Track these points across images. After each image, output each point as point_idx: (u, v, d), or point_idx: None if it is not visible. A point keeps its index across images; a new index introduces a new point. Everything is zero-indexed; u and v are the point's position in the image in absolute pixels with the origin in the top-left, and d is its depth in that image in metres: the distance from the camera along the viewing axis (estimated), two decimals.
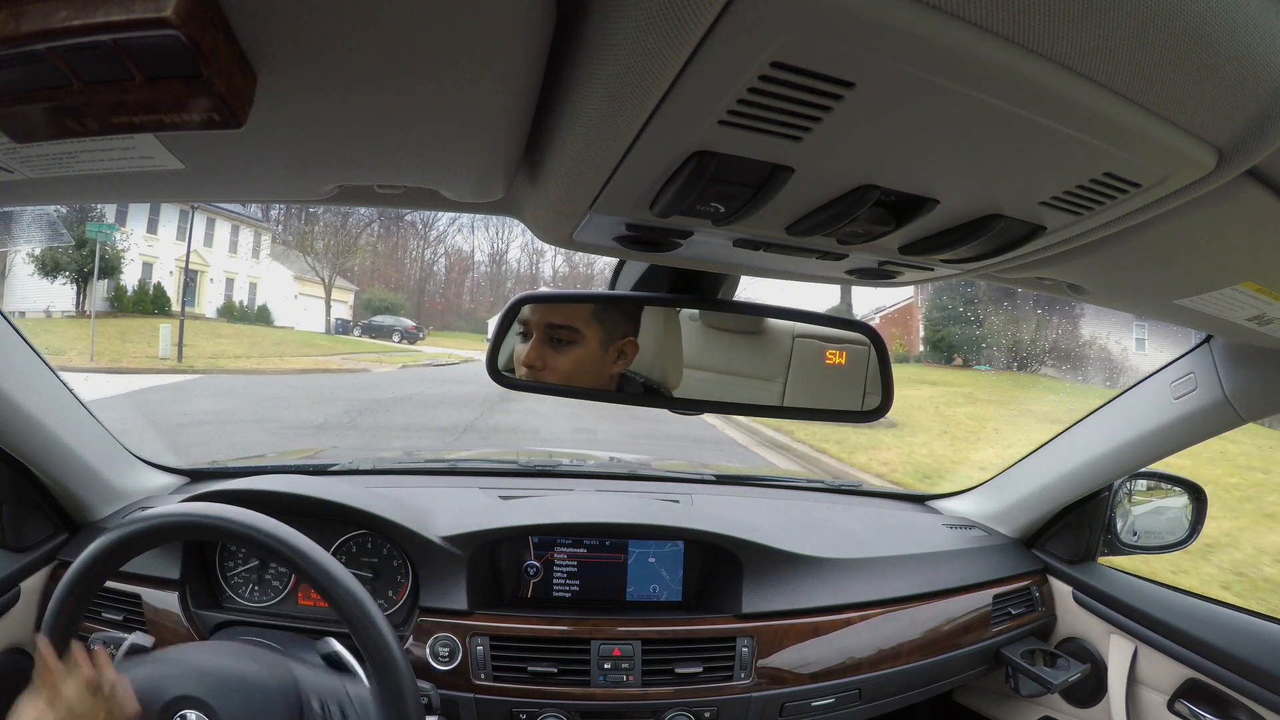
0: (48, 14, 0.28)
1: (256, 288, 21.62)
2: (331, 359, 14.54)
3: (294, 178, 0.55)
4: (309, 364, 13.18)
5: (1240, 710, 1.11)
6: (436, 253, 35.43)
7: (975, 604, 1.31)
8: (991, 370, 14.77)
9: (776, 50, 0.30)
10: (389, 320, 23.14)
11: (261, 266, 21.82)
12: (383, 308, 26.19)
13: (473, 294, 36.69)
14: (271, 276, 21.97)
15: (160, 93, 0.32)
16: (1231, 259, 0.60)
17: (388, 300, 27.97)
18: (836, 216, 0.47)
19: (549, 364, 0.83)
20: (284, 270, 22.29)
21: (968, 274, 0.67)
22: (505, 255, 38.71)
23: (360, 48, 0.35)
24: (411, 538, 1.12)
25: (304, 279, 22.57)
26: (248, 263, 21.27)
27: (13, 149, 0.44)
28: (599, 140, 0.40)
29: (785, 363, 0.88)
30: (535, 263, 38.09)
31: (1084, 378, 13.21)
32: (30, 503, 1.09)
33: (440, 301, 34.90)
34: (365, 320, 23.42)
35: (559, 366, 0.83)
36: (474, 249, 40.78)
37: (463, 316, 34.38)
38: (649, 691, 1.08)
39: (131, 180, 0.52)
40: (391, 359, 16.23)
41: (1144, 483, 1.38)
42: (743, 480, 1.63)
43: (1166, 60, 0.32)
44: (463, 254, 37.86)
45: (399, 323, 23.04)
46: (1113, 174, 0.41)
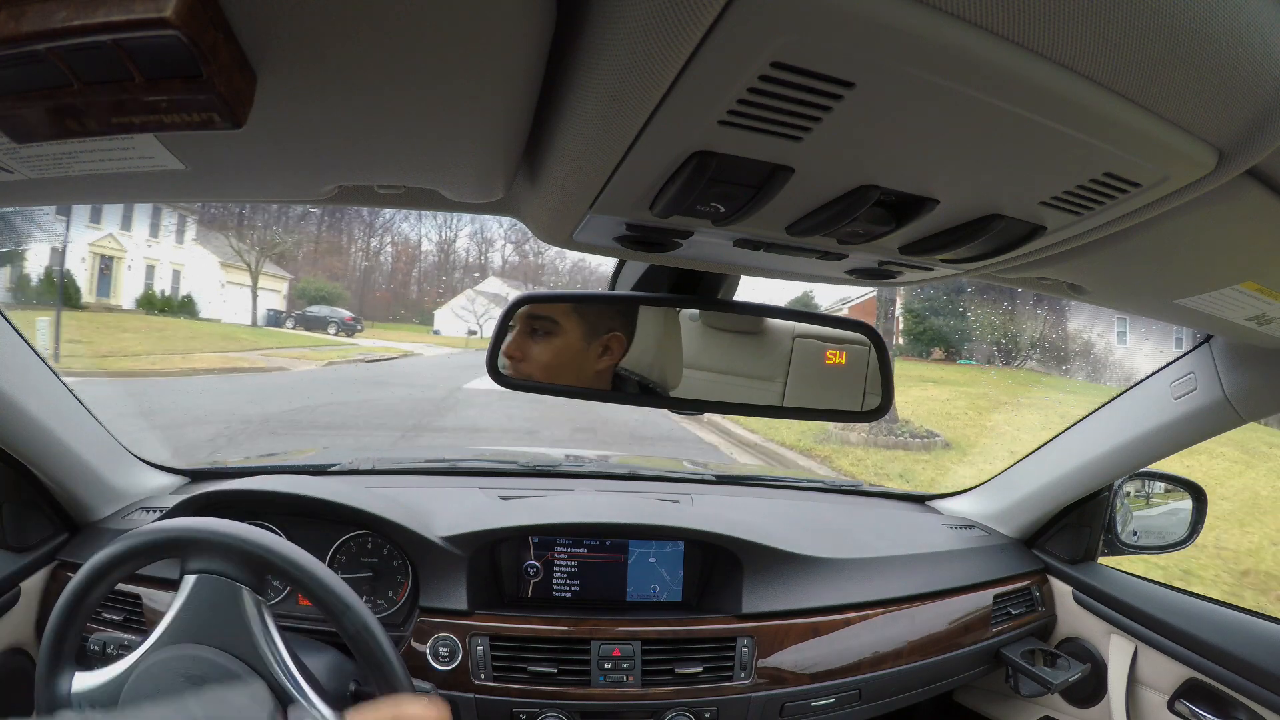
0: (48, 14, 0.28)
1: (180, 276, 19.62)
2: (249, 355, 13.01)
3: (294, 178, 0.55)
4: (216, 362, 11.57)
5: (1240, 710, 1.11)
6: (383, 241, 34.36)
7: (975, 604, 1.31)
8: (976, 365, 14.16)
9: (776, 50, 0.30)
10: (325, 311, 21.46)
11: (185, 252, 19.85)
12: (319, 298, 24.35)
13: (420, 284, 35.35)
14: (197, 263, 19.94)
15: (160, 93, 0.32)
16: (1231, 259, 0.60)
17: (325, 290, 26.04)
18: (836, 216, 0.47)
19: (528, 355, 0.82)
20: (210, 256, 20.19)
21: (968, 274, 0.67)
22: (454, 244, 37.59)
23: (360, 48, 0.35)
24: (411, 538, 1.12)
25: (231, 266, 20.54)
26: (171, 248, 19.43)
27: (13, 149, 0.44)
28: (599, 140, 0.40)
29: (785, 363, 0.88)
30: (484, 252, 37.03)
31: (1067, 371, 12.97)
32: (30, 503, 1.09)
33: (386, 292, 33.67)
34: (300, 311, 21.70)
35: (539, 358, 0.82)
36: (421, 238, 39.34)
37: (409, 307, 33.02)
38: (649, 691, 1.08)
39: (131, 180, 0.52)
40: (319, 354, 14.68)
41: (1144, 483, 1.38)
42: (743, 480, 1.63)
43: (1167, 60, 0.32)
44: (410, 243, 36.79)
45: (335, 314, 21.40)
46: (1113, 174, 0.41)
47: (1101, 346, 12.96)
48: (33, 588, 1.07)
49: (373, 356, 15.48)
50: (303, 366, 12.56)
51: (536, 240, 0.64)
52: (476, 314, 27.24)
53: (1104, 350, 12.92)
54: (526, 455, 1.61)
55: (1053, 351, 13.33)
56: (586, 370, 0.83)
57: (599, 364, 0.83)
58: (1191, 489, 1.35)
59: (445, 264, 33.98)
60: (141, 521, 1.18)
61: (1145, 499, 1.40)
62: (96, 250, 16.59)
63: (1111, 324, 12.13)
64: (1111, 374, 12.53)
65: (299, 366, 12.47)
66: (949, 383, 12.11)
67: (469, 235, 37.18)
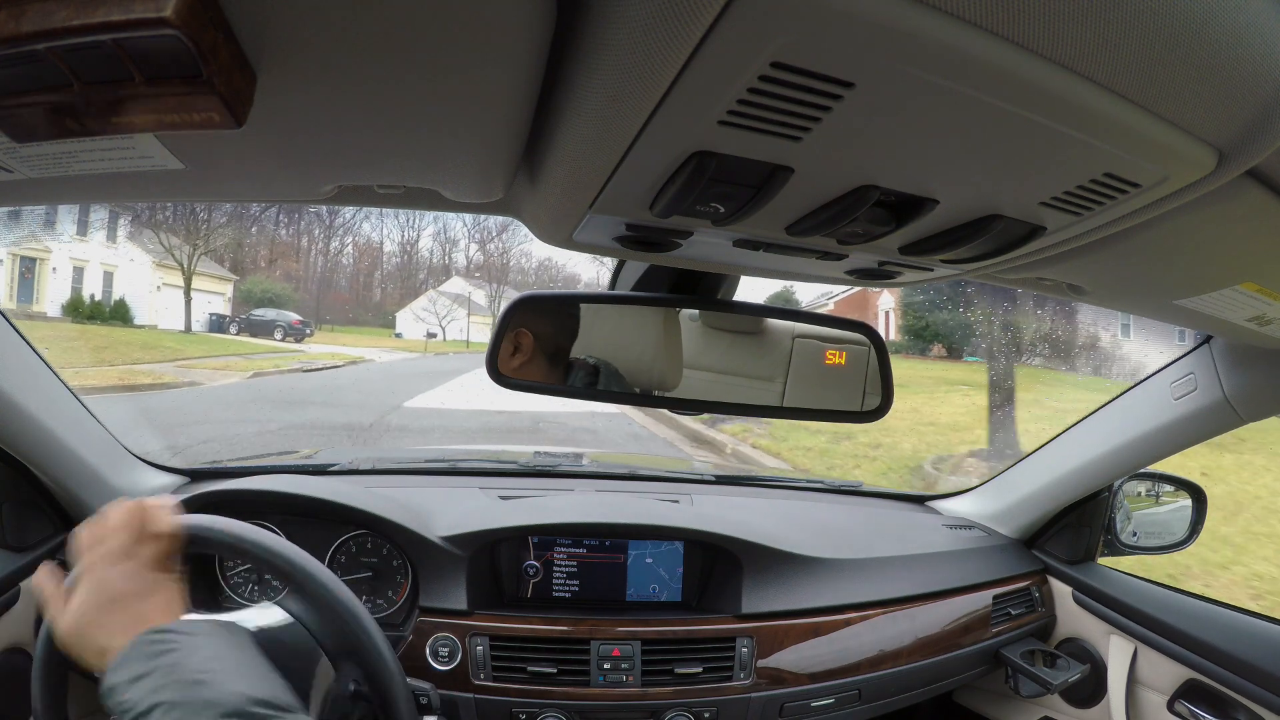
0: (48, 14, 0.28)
1: (113, 278, 17.75)
2: (160, 368, 11.29)
3: (294, 178, 0.55)
4: (112, 378, 9.86)
5: (1240, 710, 1.11)
6: (344, 242, 33.44)
7: (975, 604, 1.31)
8: (982, 362, 12.59)
9: (776, 50, 0.30)
10: (271, 315, 19.66)
11: (118, 252, 18.01)
12: (265, 300, 22.53)
13: (383, 286, 34.16)
14: (130, 264, 18.09)
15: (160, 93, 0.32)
16: (1231, 259, 0.60)
17: (272, 292, 24.08)
18: (836, 217, 0.47)
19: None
20: (144, 256, 18.37)
21: (968, 274, 0.67)
22: (417, 245, 36.43)
23: (360, 48, 0.35)
24: (411, 538, 1.12)
25: (167, 266, 18.58)
26: (101, 248, 17.56)
27: (13, 149, 0.44)
28: (599, 140, 0.40)
29: (785, 363, 0.88)
30: (448, 252, 35.88)
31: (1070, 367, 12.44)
32: (30, 503, 1.09)
33: (346, 294, 32.49)
34: (244, 316, 19.79)
35: (488, 360, 0.82)
36: (384, 239, 38.49)
37: (371, 310, 31.91)
38: (649, 692, 1.08)
39: (131, 180, 0.52)
40: (250, 363, 13.07)
41: (1143, 483, 1.38)
42: (742, 480, 1.63)
43: (1167, 60, 0.32)
44: (372, 244, 35.81)
45: (282, 317, 19.60)
46: (1113, 174, 0.41)
47: (1109, 340, 12.52)
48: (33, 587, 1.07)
49: (314, 365, 13.87)
50: (222, 380, 11.01)
51: (500, 239, 0.63)
52: (439, 315, 26.00)
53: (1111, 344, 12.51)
54: (526, 455, 1.61)
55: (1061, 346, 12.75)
56: (508, 366, 0.82)
57: (511, 363, 0.82)
58: (1191, 489, 1.35)
59: (408, 265, 33.17)
60: None
61: (1145, 499, 1.40)
62: (17, 252, 15.17)
63: (1115, 317, 11.78)
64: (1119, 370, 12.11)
65: (217, 380, 10.95)
66: (973, 384, 10.55)
67: (432, 235, 36.42)
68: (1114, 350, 12.60)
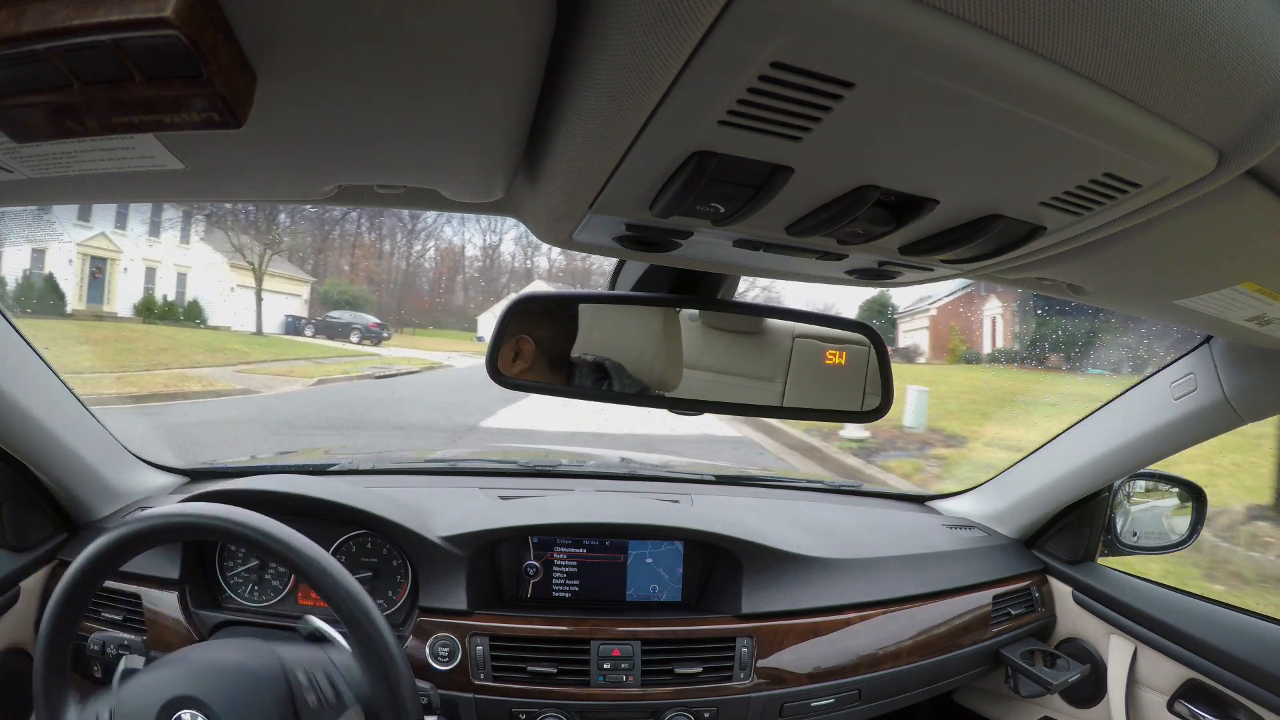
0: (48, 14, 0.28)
1: (186, 279, 17.24)
2: (218, 373, 10.52)
3: (294, 178, 0.55)
4: (163, 383, 9.15)
5: (1240, 710, 1.11)
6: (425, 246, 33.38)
7: (975, 604, 1.31)
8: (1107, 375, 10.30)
9: (776, 50, 0.30)
10: (347, 317, 19.10)
11: (191, 253, 17.45)
12: (343, 302, 21.90)
13: (465, 289, 34.21)
14: (204, 265, 17.53)
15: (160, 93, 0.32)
16: (1231, 259, 0.60)
17: (349, 293, 23.41)
18: (836, 217, 0.47)
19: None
20: (218, 257, 17.83)
21: (968, 274, 0.67)
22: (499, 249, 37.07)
23: (360, 48, 0.35)
24: (411, 538, 1.12)
25: (241, 267, 18.03)
26: (174, 248, 17.08)
27: (12, 149, 0.44)
28: (599, 140, 0.40)
29: (785, 363, 0.88)
30: (530, 256, 36.22)
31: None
32: (30, 503, 1.09)
33: (427, 298, 32.37)
34: (320, 318, 19.21)
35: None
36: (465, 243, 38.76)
37: (453, 313, 31.82)
38: (649, 692, 1.08)
39: (131, 180, 0.52)
40: (318, 368, 12.08)
41: (1144, 483, 1.38)
42: (743, 480, 1.63)
43: (1167, 60, 0.32)
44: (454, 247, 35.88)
45: (358, 319, 19.01)
46: (1113, 174, 0.41)
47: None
48: (32, 587, 1.07)
49: (387, 371, 12.89)
50: (283, 386, 10.05)
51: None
52: None
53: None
54: (526, 455, 1.61)
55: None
56: (510, 370, 0.82)
57: (513, 369, 0.82)
58: (1191, 489, 1.35)
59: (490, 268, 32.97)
60: None
61: (1145, 499, 1.40)
62: (86, 251, 14.82)
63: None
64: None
65: (277, 386, 9.97)
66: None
67: (514, 239, 36.41)
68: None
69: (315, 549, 0.79)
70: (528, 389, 0.84)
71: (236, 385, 9.62)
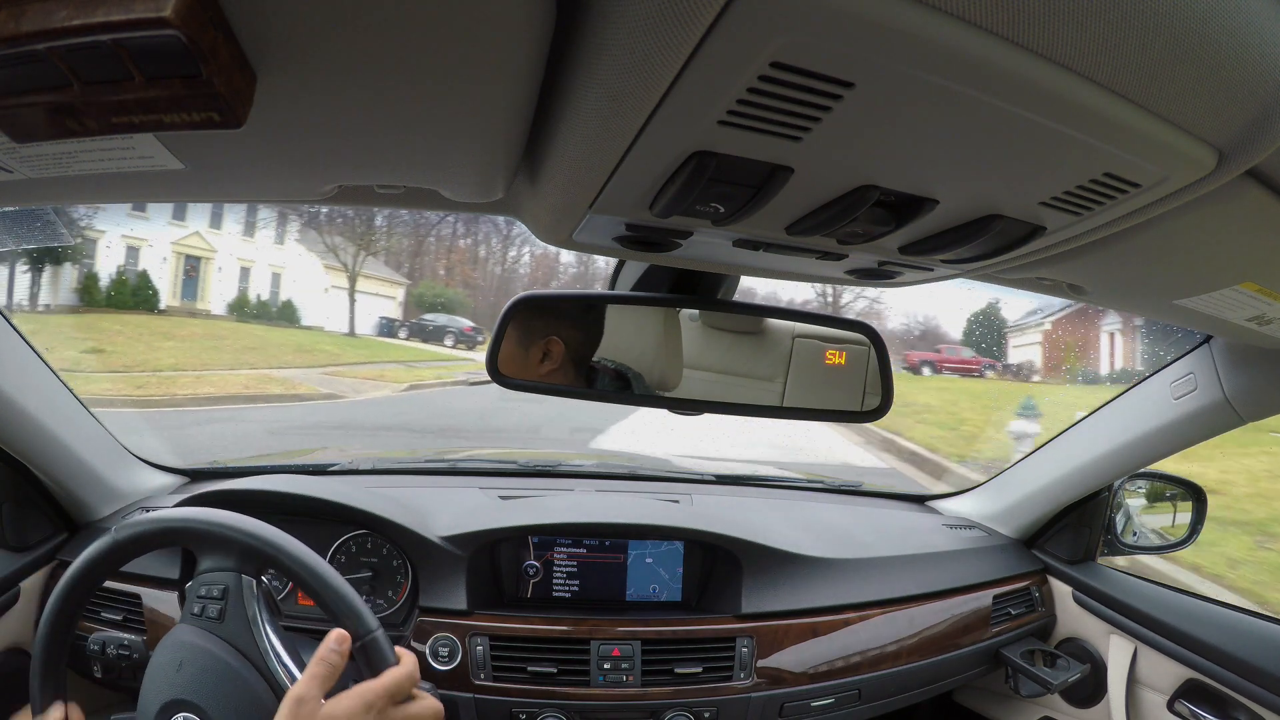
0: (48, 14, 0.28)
1: (280, 279, 16.86)
2: (303, 375, 9.97)
3: (294, 178, 0.55)
4: (243, 385, 8.77)
5: (1240, 710, 1.11)
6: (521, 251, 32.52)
7: (975, 604, 1.31)
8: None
9: (776, 50, 0.30)
10: (442, 320, 18.34)
11: (286, 253, 17.26)
12: (437, 305, 20.79)
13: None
14: (298, 265, 17.08)
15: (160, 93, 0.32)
16: (1231, 259, 0.60)
17: (444, 296, 22.14)
18: (836, 217, 0.47)
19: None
20: (312, 258, 17.43)
21: (968, 274, 0.67)
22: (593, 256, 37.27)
23: (360, 48, 0.35)
24: (411, 538, 1.12)
25: (336, 269, 17.71)
26: (269, 248, 17.00)
27: (12, 149, 0.43)
28: (599, 140, 0.40)
29: (785, 363, 0.88)
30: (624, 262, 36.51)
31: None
32: (30, 503, 1.09)
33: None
34: (414, 320, 18.48)
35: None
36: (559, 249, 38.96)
37: None
38: (648, 692, 1.08)
39: (131, 180, 0.52)
40: (410, 372, 11.37)
41: (1144, 483, 1.38)
42: (743, 480, 1.63)
43: (1166, 60, 0.32)
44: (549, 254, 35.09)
45: (454, 323, 18.15)
46: (1113, 174, 0.41)
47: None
48: (32, 587, 1.07)
49: (481, 377, 11.58)
50: (371, 391, 9.26)
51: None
52: None
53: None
54: (526, 455, 1.61)
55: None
56: (531, 373, 0.83)
57: (541, 369, 0.83)
58: (1191, 489, 1.35)
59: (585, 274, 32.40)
60: None
61: (1145, 499, 1.40)
62: (180, 250, 14.71)
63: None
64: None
65: (368, 390, 9.22)
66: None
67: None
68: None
69: (312, 555, 0.79)
70: (527, 389, 0.84)
71: (321, 389, 9.07)
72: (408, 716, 0.71)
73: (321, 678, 0.69)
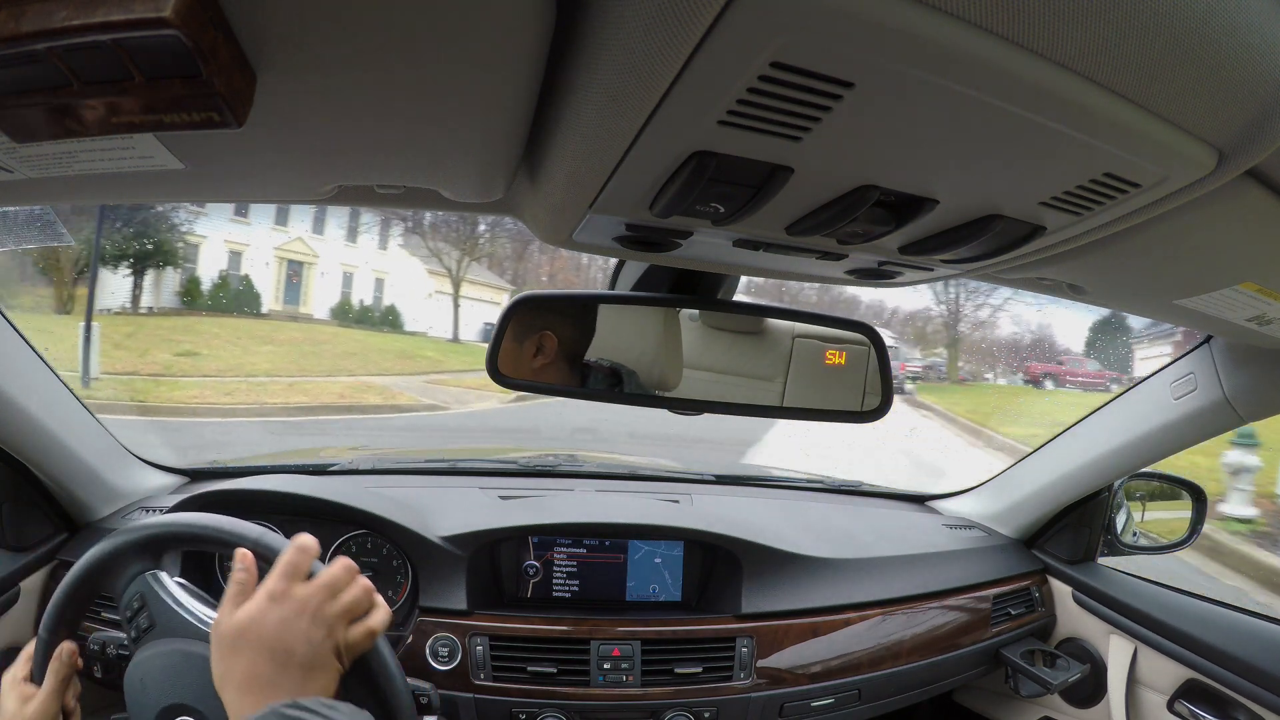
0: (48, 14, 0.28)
1: (383, 284, 16.74)
2: (397, 384, 9.43)
3: (293, 178, 0.55)
4: (337, 395, 8.21)
5: (1240, 710, 1.11)
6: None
7: (975, 604, 1.31)
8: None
9: (776, 50, 0.30)
10: None
11: (390, 258, 16.93)
12: None
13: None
14: (402, 270, 16.94)
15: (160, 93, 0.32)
16: (1231, 259, 0.60)
17: None
18: (836, 217, 0.47)
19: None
20: (416, 263, 17.23)
21: (968, 274, 0.67)
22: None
23: (360, 48, 0.35)
24: (411, 537, 1.12)
25: (439, 274, 17.37)
26: (373, 253, 16.84)
27: (12, 149, 0.43)
28: (599, 140, 0.40)
29: (785, 363, 0.88)
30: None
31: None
32: (30, 503, 1.09)
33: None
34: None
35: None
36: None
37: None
38: (648, 692, 1.08)
39: (131, 180, 0.52)
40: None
41: (1144, 483, 1.38)
42: (742, 480, 1.63)
43: (1167, 60, 0.32)
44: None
45: None
46: (1113, 174, 0.41)
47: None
48: (32, 587, 1.07)
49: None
50: (479, 403, 8.59)
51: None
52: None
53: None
54: (526, 455, 1.61)
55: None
56: (524, 368, 0.82)
57: (534, 363, 0.83)
58: (1191, 489, 1.35)
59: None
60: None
61: (1145, 499, 1.40)
62: (283, 255, 14.69)
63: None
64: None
65: (472, 402, 8.56)
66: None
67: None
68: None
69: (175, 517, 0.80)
70: (527, 389, 0.84)
71: (422, 399, 8.45)
72: (316, 586, 0.68)
73: (233, 597, 0.68)
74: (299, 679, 0.63)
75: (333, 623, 0.67)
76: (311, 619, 0.66)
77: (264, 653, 0.63)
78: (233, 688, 0.62)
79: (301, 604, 0.66)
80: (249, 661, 0.63)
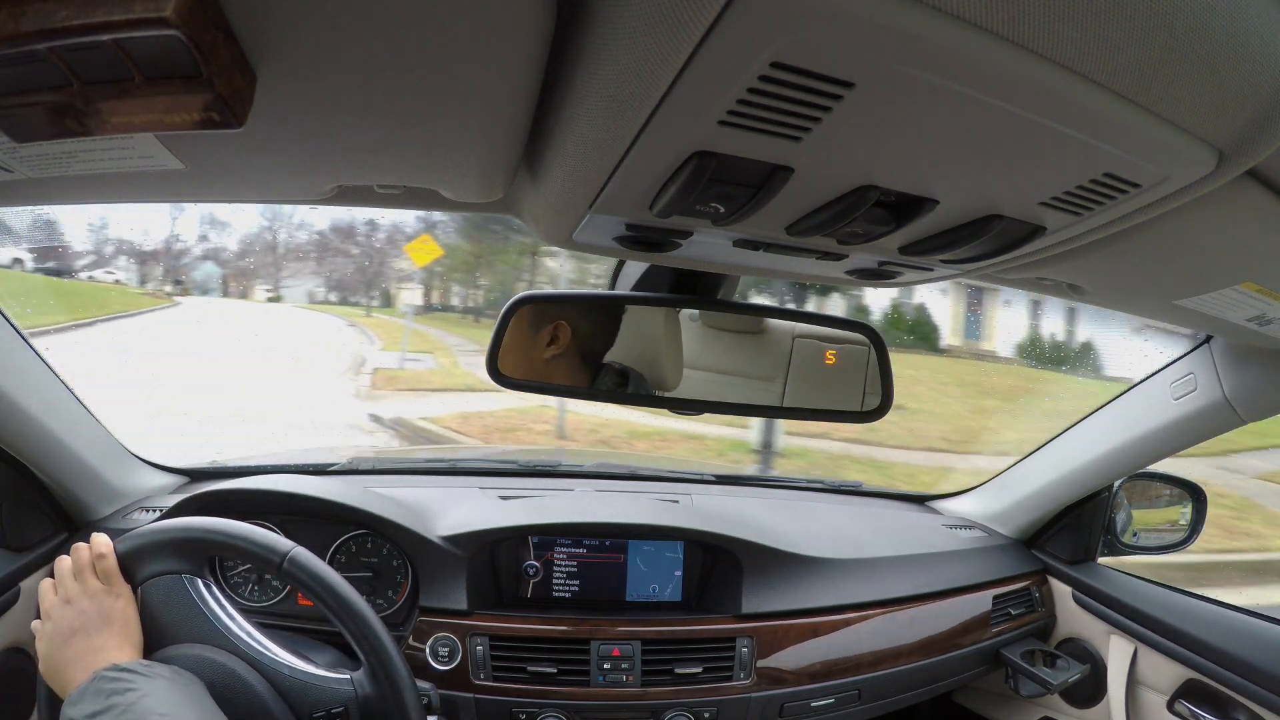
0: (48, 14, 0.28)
1: (1075, 312, 10.35)
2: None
3: (293, 178, 0.55)
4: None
5: (1240, 710, 1.11)
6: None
7: (975, 604, 1.31)
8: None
9: (776, 50, 0.30)
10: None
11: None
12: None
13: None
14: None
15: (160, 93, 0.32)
16: (1231, 259, 0.60)
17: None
18: (836, 217, 0.47)
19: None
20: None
21: (968, 274, 0.67)
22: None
23: (360, 48, 0.35)
24: (411, 538, 1.12)
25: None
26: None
27: (13, 149, 0.44)
28: (599, 140, 0.40)
29: (785, 363, 0.88)
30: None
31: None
32: (30, 502, 1.09)
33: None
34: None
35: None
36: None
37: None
38: (648, 692, 1.08)
39: (131, 180, 0.52)
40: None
41: (1143, 483, 1.38)
42: (742, 480, 1.63)
43: (1167, 60, 0.32)
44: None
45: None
46: (1113, 174, 0.41)
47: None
48: (32, 587, 1.07)
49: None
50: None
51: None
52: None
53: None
54: (526, 455, 1.61)
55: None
56: (535, 360, 0.83)
57: (546, 353, 0.84)
58: (1191, 489, 1.35)
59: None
60: (141, 521, 1.18)
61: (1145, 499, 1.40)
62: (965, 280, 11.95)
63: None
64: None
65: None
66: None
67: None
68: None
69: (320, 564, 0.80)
70: (527, 388, 0.84)
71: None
72: (96, 578, 0.78)
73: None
74: (98, 646, 0.72)
75: (79, 591, 0.77)
76: (72, 600, 0.77)
77: (59, 640, 0.75)
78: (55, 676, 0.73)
79: (65, 596, 0.78)
80: (57, 651, 0.74)
